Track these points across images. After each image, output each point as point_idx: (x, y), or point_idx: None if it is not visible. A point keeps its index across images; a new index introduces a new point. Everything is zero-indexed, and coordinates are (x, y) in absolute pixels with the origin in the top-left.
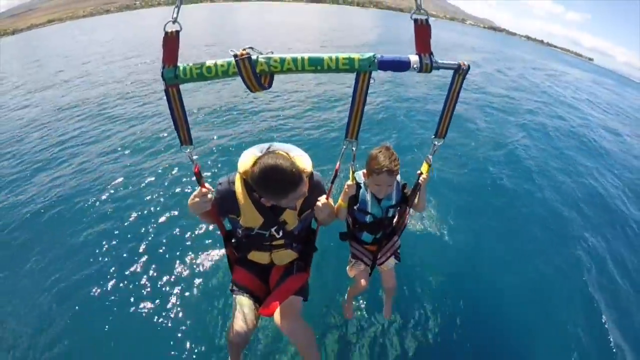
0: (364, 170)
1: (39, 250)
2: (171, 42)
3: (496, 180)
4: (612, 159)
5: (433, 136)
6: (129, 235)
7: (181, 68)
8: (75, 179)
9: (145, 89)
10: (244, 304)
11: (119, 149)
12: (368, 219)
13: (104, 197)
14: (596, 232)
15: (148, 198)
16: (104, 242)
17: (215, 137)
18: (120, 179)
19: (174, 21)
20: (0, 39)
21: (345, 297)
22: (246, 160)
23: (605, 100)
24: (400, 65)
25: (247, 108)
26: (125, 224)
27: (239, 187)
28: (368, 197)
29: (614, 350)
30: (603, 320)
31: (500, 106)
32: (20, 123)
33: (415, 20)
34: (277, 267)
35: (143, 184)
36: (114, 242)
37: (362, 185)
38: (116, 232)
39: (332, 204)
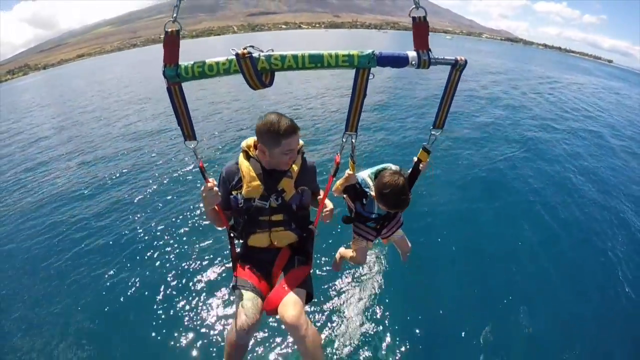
0: (372, 189)
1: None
2: (172, 41)
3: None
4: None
5: (431, 127)
6: (131, 232)
7: (183, 67)
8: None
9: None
10: (246, 297)
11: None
12: (373, 216)
13: (109, 194)
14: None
15: (155, 197)
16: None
17: (217, 133)
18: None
19: (174, 20)
20: (32, 74)
21: (339, 251)
22: (248, 139)
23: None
24: (399, 61)
25: (249, 103)
26: (130, 221)
27: (242, 159)
28: (374, 203)
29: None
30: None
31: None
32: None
33: (414, 18)
34: (278, 263)
35: (150, 182)
36: (113, 243)
37: (367, 192)
38: (117, 231)
39: (332, 206)
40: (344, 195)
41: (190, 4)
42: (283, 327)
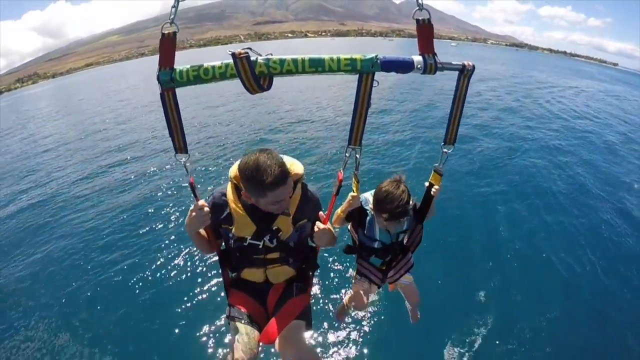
0: (371, 204)
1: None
2: (168, 43)
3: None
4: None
5: (442, 143)
6: (118, 256)
7: (177, 70)
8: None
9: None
10: (242, 331)
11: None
12: (376, 245)
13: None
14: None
15: (143, 214)
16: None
17: (212, 146)
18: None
19: (171, 22)
20: (42, 83)
21: (343, 300)
22: (236, 166)
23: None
24: (404, 66)
25: (246, 114)
26: (117, 242)
27: (230, 194)
28: (375, 225)
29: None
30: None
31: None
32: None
33: (417, 20)
34: (275, 289)
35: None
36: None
37: (368, 211)
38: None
39: (332, 228)
40: (349, 225)
41: (197, 13)
42: None
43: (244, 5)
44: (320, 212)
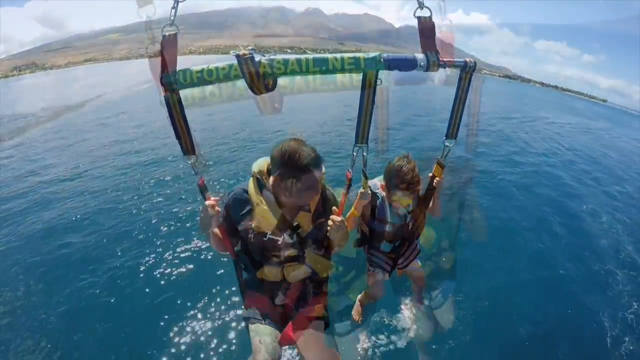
0: (381, 183)
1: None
2: (170, 45)
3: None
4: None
5: (444, 138)
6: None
7: (181, 72)
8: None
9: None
10: (264, 332)
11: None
12: (388, 228)
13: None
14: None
15: (156, 216)
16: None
17: (220, 147)
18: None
19: (171, 23)
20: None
21: (357, 299)
22: (261, 162)
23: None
24: (407, 64)
25: (252, 115)
26: (131, 247)
27: (252, 188)
28: (386, 206)
29: None
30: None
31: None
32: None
33: (419, 18)
34: (291, 289)
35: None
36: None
37: (377, 194)
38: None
39: (345, 222)
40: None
41: (199, 20)
42: None
43: (246, 16)
44: (334, 207)
